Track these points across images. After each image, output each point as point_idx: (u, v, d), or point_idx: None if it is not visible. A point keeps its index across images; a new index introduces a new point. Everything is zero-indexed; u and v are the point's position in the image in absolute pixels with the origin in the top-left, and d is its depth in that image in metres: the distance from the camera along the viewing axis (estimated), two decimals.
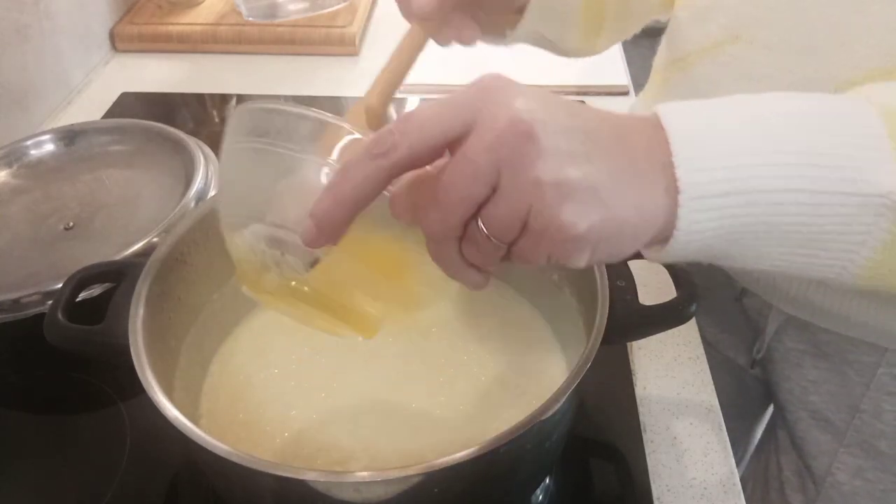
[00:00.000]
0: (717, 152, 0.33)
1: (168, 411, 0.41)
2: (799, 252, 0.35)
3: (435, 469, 0.38)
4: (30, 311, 0.60)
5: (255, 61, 1.05)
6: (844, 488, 0.64)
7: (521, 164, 0.31)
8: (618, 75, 0.99)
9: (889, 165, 0.34)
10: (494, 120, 0.31)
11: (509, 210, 0.32)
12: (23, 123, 0.88)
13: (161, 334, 0.49)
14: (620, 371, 0.61)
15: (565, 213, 0.31)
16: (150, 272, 0.49)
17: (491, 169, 0.31)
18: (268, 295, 0.40)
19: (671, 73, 0.60)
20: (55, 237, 0.69)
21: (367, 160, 0.32)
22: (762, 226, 0.34)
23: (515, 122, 0.31)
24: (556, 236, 0.32)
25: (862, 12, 0.46)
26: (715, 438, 0.56)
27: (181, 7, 1.09)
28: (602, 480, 0.54)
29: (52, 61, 0.95)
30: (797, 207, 0.34)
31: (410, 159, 0.32)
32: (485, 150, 0.31)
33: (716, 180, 0.33)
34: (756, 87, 0.52)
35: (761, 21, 0.51)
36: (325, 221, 0.33)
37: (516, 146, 0.31)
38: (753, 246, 0.35)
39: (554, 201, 0.31)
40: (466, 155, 0.31)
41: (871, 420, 0.60)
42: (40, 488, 0.55)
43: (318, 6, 1.08)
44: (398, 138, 0.32)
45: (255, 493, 0.44)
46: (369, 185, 0.32)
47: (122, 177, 0.76)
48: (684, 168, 0.33)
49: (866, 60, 0.46)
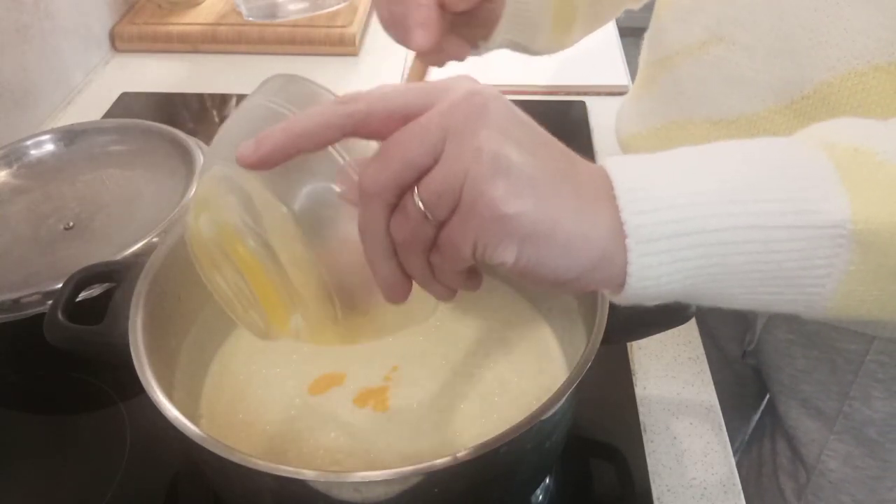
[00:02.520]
0: (661, 194, 0.33)
1: (168, 411, 0.41)
2: (762, 290, 0.35)
3: (435, 469, 0.38)
4: (30, 311, 0.60)
5: (255, 61, 1.05)
6: (834, 475, 0.64)
7: (466, 131, 0.31)
8: (618, 75, 0.99)
9: (838, 195, 0.33)
10: (454, 93, 0.32)
11: (446, 176, 0.31)
12: (23, 123, 0.89)
13: (161, 334, 0.49)
14: (620, 371, 0.61)
15: (498, 186, 0.31)
16: (150, 272, 0.49)
17: (439, 134, 0.31)
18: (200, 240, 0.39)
19: (657, 72, 0.61)
20: (55, 237, 0.69)
21: (328, 105, 0.33)
22: (717, 267, 0.33)
23: (472, 95, 0.32)
24: (485, 212, 0.31)
25: (836, 15, 0.47)
26: (715, 438, 0.56)
27: (181, 7, 1.09)
28: (602, 480, 0.54)
29: (52, 61, 0.95)
30: (748, 245, 0.33)
31: (366, 117, 0.32)
32: (437, 115, 0.32)
33: (662, 221, 0.32)
34: (737, 87, 0.53)
35: (741, 23, 0.51)
36: (264, 142, 0.33)
37: (468, 115, 0.31)
38: (714, 287, 0.34)
39: (489, 172, 0.31)
40: (420, 119, 0.32)
41: (860, 407, 0.61)
42: (40, 488, 0.55)
43: (318, 6, 1.08)
44: (362, 95, 0.33)
45: (254, 493, 0.44)
46: (319, 126, 0.33)
47: (122, 177, 0.76)
48: (629, 210, 0.32)
49: (840, 62, 0.47)
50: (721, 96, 0.54)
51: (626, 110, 0.68)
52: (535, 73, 0.97)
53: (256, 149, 0.33)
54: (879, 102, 0.46)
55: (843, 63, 0.47)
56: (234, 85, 0.99)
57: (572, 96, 0.94)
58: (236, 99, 0.96)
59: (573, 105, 0.92)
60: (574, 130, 0.87)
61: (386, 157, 0.32)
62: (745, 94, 0.53)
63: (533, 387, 0.52)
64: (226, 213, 0.38)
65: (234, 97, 0.97)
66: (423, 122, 0.32)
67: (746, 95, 0.52)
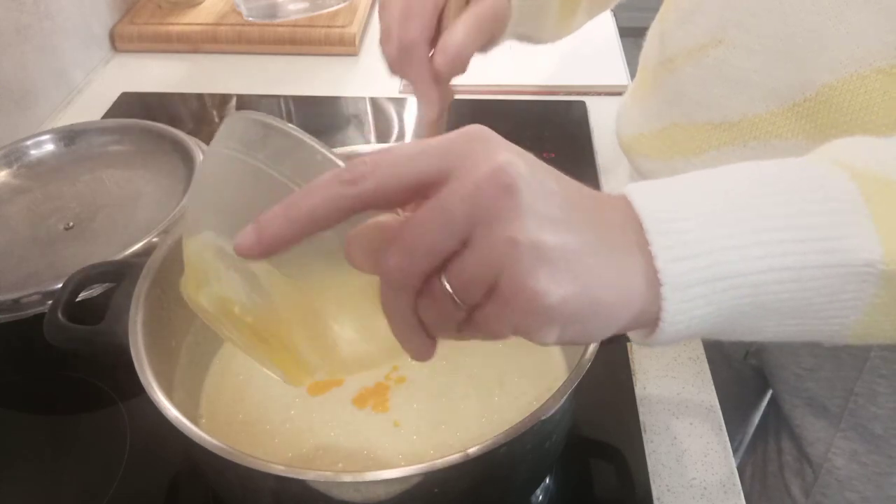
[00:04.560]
0: (694, 238, 0.32)
1: (168, 411, 0.41)
2: (789, 323, 0.35)
3: (435, 469, 0.38)
4: (30, 311, 0.60)
5: (255, 61, 1.05)
6: (841, 472, 0.64)
7: (497, 219, 0.29)
8: (618, 75, 0.99)
9: (869, 232, 0.33)
10: (475, 168, 0.29)
11: (478, 267, 0.29)
12: (23, 123, 0.89)
13: (161, 334, 0.49)
14: (620, 371, 0.61)
15: (539, 279, 0.29)
16: (150, 272, 0.49)
17: (465, 220, 0.29)
18: (204, 310, 0.38)
19: (659, 74, 0.61)
20: (55, 237, 0.69)
21: (332, 183, 0.30)
22: (748, 306, 0.33)
23: (497, 174, 0.29)
24: (526, 305, 0.30)
25: (838, 18, 0.47)
26: (715, 438, 0.56)
27: (181, 7, 1.09)
28: (602, 480, 0.54)
29: (52, 61, 0.95)
30: (782, 286, 0.33)
31: (376, 194, 0.30)
32: (461, 200, 0.29)
33: (697, 268, 0.32)
34: (739, 90, 0.53)
35: (743, 25, 0.51)
36: (266, 231, 0.30)
37: (495, 199, 0.29)
38: (743, 323, 0.34)
39: (528, 265, 0.29)
40: (441, 201, 0.29)
41: (865, 403, 0.61)
42: (40, 488, 0.55)
43: (318, 6, 1.08)
44: (369, 169, 0.30)
45: (255, 493, 0.44)
46: (326, 210, 0.30)
47: (122, 177, 0.76)
48: (663, 258, 0.31)
49: (843, 65, 0.47)
50: (722, 99, 0.54)
51: (627, 111, 0.68)
52: (536, 73, 0.97)
53: (258, 239, 0.30)
54: (882, 105, 0.46)
55: (845, 66, 0.47)
56: (234, 85, 0.99)
57: (572, 96, 0.94)
58: (236, 99, 0.96)
59: (573, 105, 0.92)
60: (574, 130, 0.87)
61: (408, 246, 0.30)
62: (747, 96, 0.53)
63: (533, 387, 0.52)
64: (230, 292, 0.36)
65: (234, 97, 0.97)
66: (445, 206, 0.29)
67: (748, 98, 0.52)
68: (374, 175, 0.30)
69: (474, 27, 0.51)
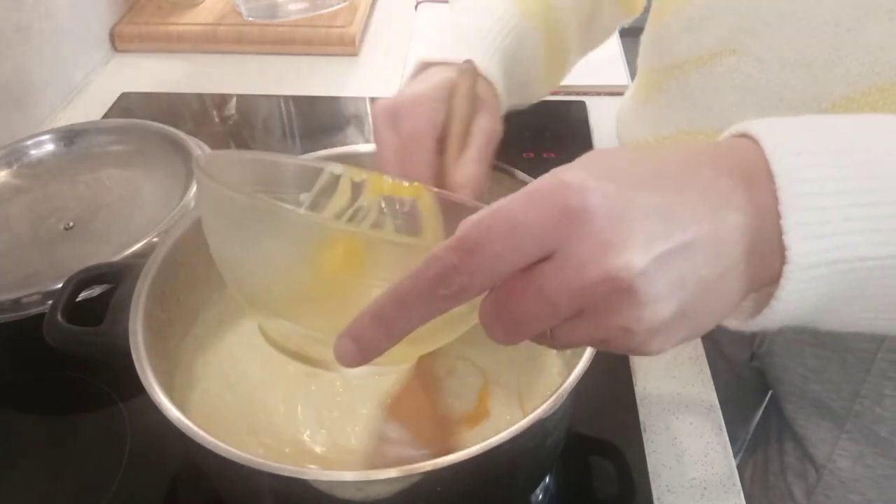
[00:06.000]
0: (832, 217, 0.30)
1: (168, 411, 0.41)
2: (884, 317, 0.33)
3: (436, 468, 0.38)
4: (30, 311, 0.60)
5: (255, 61, 1.05)
6: (845, 475, 0.64)
7: (611, 312, 0.28)
8: (618, 75, 0.99)
9: None
10: (582, 266, 0.28)
11: (586, 338, 0.30)
12: (23, 123, 0.88)
13: (161, 335, 0.49)
14: (620, 371, 0.61)
15: (652, 346, 0.30)
16: (149, 273, 0.49)
17: (572, 310, 0.29)
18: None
19: (664, 79, 0.60)
20: (55, 237, 0.69)
21: (429, 296, 0.29)
22: (855, 291, 0.32)
23: (611, 279, 0.27)
24: (636, 353, 0.30)
25: (857, 30, 0.46)
26: (715, 438, 0.56)
27: (181, 7, 1.09)
28: (602, 480, 0.54)
29: (52, 61, 0.95)
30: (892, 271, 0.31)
31: (469, 293, 0.29)
32: (569, 295, 0.28)
33: (825, 248, 0.30)
34: (751, 99, 0.52)
35: (756, 34, 0.51)
36: (364, 344, 0.30)
37: (607, 297, 0.28)
38: (839, 311, 0.33)
39: (643, 340, 0.29)
40: (545, 293, 0.28)
41: (871, 406, 0.61)
42: (40, 488, 0.55)
43: (318, 6, 1.08)
44: (467, 280, 0.28)
45: (255, 493, 0.44)
46: (420, 318, 0.30)
47: (122, 177, 0.76)
48: (794, 235, 0.29)
49: (862, 77, 0.46)
50: (734, 107, 0.53)
51: (629, 114, 0.68)
52: None
53: (359, 350, 0.30)
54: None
55: (864, 78, 0.46)
56: (234, 85, 0.99)
57: (572, 96, 0.94)
58: (236, 99, 0.96)
59: (573, 105, 0.92)
60: (574, 130, 0.87)
61: (514, 332, 0.30)
62: (760, 106, 0.52)
63: (533, 387, 0.52)
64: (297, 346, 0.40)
65: (234, 97, 0.97)
66: (552, 299, 0.28)
67: (761, 108, 0.52)
68: (474, 286, 0.29)
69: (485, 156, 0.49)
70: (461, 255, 0.28)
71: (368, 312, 0.30)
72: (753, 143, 0.31)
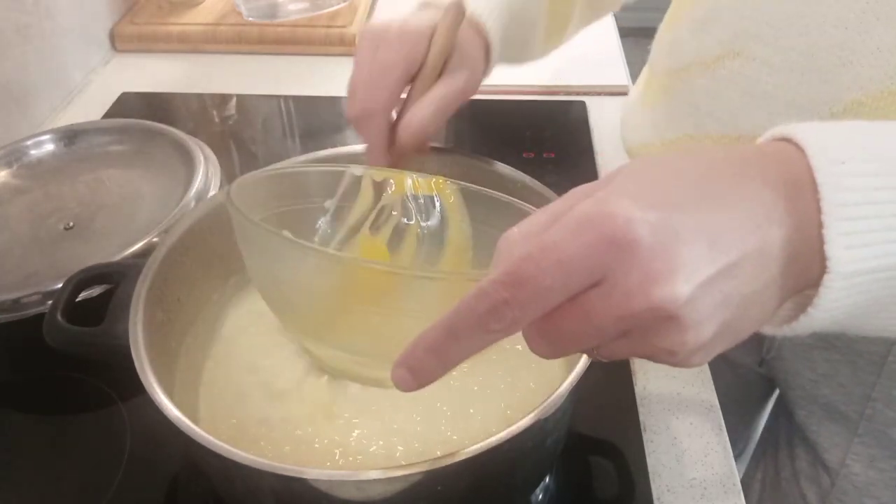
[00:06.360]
0: (875, 226, 0.30)
1: (168, 411, 0.41)
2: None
3: (437, 467, 0.38)
4: (30, 311, 0.60)
5: (255, 61, 1.05)
6: (859, 479, 0.64)
7: (656, 336, 0.29)
8: (618, 75, 0.99)
9: None
10: (628, 295, 0.28)
11: (630, 354, 0.31)
12: (23, 123, 0.89)
13: (161, 334, 0.49)
14: (620, 371, 0.61)
15: (694, 361, 0.30)
16: (149, 273, 0.49)
17: (618, 333, 0.29)
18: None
19: (671, 82, 0.60)
20: (55, 237, 0.69)
21: (481, 329, 0.29)
22: (891, 297, 0.32)
23: (656, 309, 0.28)
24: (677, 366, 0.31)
25: (866, 33, 0.45)
26: (715, 438, 0.56)
27: (181, 7, 1.09)
28: (602, 480, 0.54)
29: (52, 61, 0.95)
30: None
31: (519, 326, 0.30)
32: (615, 321, 0.29)
33: (866, 257, 0.30)
34: (757, 103, 0.52)
35: (761, 38, 0.50)
36: (419, 373, 0.31)
37: (653, 323, 0.29)
38: (873, 317, 0.33)
39: (684, 358, 0.30)
40: (591, 318, 0.29)
41: (882, 409, 0.61)
42: (40, 488, 0.55)
43: (318, 6, 1.08)
44: (519, 314, 0.29)
45: (255, 493, 0.44)
46: (472, 349, 0.30)
47: (122, 177, 0.76)
48: (837, 245, 0.29)
49: (872, 81, 0.46)
50: (739, 111, 0.53)
51: (634, 118, 0.67)
52: (535, 73, 0.96)
53: (413, 379, 0.31)
54: None
55: (874, 82, 0.45)
56: (234, 85, 0.99)
57: (572, 96, 0.94)
58: (236, 99, 0.96)
59: (573, 105, 0.92)
60: (574, 130, 0.87)
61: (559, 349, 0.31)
62: (766, 110, 0.51)
63: (533, 386, 0.52)
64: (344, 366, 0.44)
65: (234, 97, 0.97)
66: (598, 324, 0.29)
67: (768, 112, 0.51)
68: (524, 318, 0.29)
69: (441, 108, 0.50)
70: (512, 291, 0.28)
71: (422, 344, 0.31)
72: (797, 150, 0.31)
